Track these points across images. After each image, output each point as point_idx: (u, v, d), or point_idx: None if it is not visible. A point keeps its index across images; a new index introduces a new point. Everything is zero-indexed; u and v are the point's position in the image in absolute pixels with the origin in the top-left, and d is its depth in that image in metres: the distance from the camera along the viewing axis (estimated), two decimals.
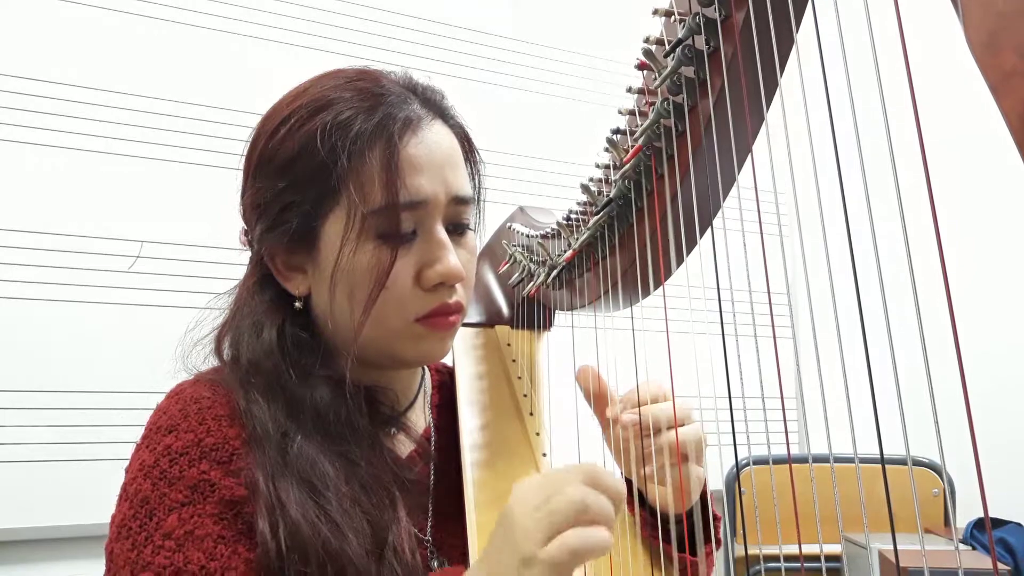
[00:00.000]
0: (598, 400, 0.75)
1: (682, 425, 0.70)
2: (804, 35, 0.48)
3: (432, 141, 0.69)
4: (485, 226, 0.81)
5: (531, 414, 0.87)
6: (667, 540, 0.71)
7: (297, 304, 0.72)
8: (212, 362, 0.73)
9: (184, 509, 0.61)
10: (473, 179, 0.76)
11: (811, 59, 0.45)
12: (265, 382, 0.68)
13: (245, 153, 0.73)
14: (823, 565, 0.49)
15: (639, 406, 0.70)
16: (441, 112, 0.72)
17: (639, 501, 0.74)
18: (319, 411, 0.67)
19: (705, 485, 0.73)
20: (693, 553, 0.72)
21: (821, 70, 0.42)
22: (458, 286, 0.71)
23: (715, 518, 0.78)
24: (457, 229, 0.72)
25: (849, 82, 0.40)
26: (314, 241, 0.69)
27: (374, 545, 0.63)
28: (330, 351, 0.72)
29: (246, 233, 0.75)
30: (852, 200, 0.41)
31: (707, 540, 0.75)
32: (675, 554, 0.71)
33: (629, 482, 0.73)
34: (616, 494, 0.52)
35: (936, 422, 0.37)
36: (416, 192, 0.67)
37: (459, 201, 0.70)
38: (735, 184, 0.59)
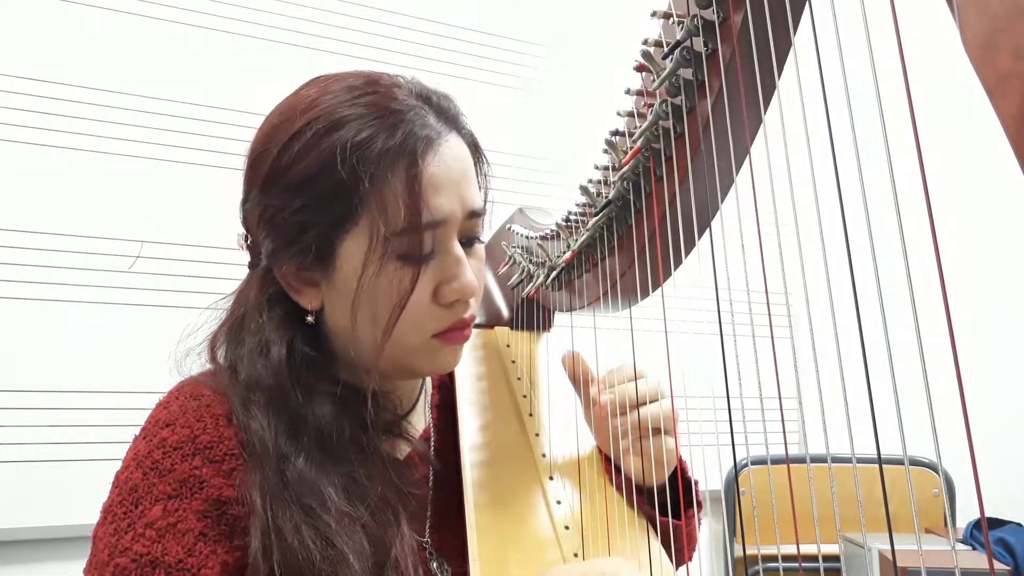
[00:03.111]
0: (579, 381, 0.83)
1: (653, 401, 0.77)
2: (802, 37, 0.48)
3: (449, 156, 0.67)
4: (485, 226, 0.81)
5: (530, 415, 0.87)
6: (651, 505, 0.77)
7: (309, 319, 0.70)
8: (208, 368, 0.73)
9: (170, 502, 0.62)
10: (481, 187, 0.75)
11: (809, 61, 0.45)
12: (266, 399, 0.67)
13: (248, 161, 0.71)
14: (821, 565, 0.49)
15: (614, 386, 0.77)
16: (455, 122, 0.71)
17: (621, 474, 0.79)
18: (322, 429, 0.67)
19: (678, 454, 0.80)
20: (676, 517, 0.78)
21: (819, 71, 0.43)
22: (471, 299, 0.71)
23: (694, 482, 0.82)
24: (469, 241, 0.72)
25: (846, 83, 0.40)
26: (330, 259, 0.67)
27: (375, 564, 0.63)
28: (336, 366, 0.72)
29: (246, 239, 0.73)
30: (850, 201, 0.41)
31: (688, 504, 0.80)
32: (658, 518, 0.76)
33: (608, 459, 0.80)
34: None
35: (933, 421, 0.37)
36: (437, 212, 0.66)
37: (473, 215, 0.70)
38: (733, 185, 0.59)
